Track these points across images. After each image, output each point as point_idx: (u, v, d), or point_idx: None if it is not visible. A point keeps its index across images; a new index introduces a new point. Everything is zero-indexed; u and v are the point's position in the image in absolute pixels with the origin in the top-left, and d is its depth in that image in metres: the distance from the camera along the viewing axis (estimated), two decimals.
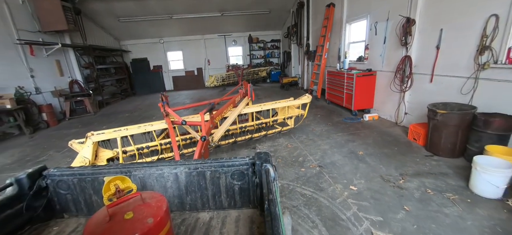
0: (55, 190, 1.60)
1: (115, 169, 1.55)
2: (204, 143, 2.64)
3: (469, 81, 3.52)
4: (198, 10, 11.30)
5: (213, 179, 1.55)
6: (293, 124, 4.67)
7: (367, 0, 5.77)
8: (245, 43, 14.73)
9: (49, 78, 8.19)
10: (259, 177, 1.45)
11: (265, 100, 8.71)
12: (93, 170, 1.55)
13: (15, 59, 7.01)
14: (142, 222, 0.98)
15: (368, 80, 5.69)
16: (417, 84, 4.54)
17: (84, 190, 1.59)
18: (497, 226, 2.16)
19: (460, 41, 3.63)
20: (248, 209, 1.59)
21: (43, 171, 1.60)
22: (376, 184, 2.96)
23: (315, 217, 2.44)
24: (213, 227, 1.44)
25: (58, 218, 1.66)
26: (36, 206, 1.54)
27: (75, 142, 3.15)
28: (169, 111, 3.40)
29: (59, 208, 1.64)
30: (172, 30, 13.07)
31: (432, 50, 4.11)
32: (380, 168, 3.32)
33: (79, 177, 1.56)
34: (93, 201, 1.60)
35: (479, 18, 3.30)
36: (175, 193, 1.58)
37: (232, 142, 4.09)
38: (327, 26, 7.63)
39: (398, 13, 4.67)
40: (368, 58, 6.03)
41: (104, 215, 1.03)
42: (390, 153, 3.77)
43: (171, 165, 1.55)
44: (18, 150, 5.36)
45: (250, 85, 4.50)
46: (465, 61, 3.55)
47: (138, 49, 13.93)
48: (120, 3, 9.76)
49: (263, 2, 11.12)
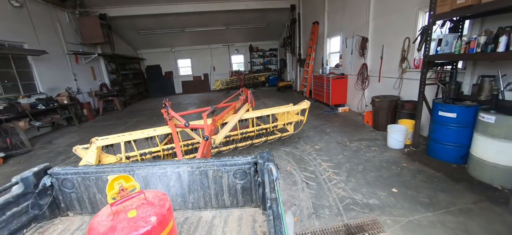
0: (60, 188, 1.61)
1: (119, 168, 1.56)
2: (206, 143, 2.69)
3: (398, 80, 5.28)
4: (207, 24, 13.20)
5: (216, 178, 1.56)
6: (293, 130, 4.66)
7: (340, 22, 7.61)
8: (246, 51, 16.61)
9: (86, 82, 10.00)
10: (261, 176, 1.44)
11: (263, 100, 10.49)
12: (97, 169, 1.58)
13: (65, 66, 8.83)
14: (145, 220, 0.98)
15: (341, 82, 7.46)
16: (371, 84, 6.30)
17: (88, 189, 1.60)
18: (391, 159, 3.88)
19: (392, 54, 5.40)
20: (250, 207, 1.61)
21: (48, 169, 1.61)
22: (331, 144, 4.68)
23: (291, 159, 4.15)
24: (215, 225, 1.45)
25: (63, 216, 1.66)
26: (41, 205, 1.55)
27: (79, 148, 3.15)
28: (174, 114, 3.44)
29: (64, 207, 1.65)
30: (183, 40, 14.96)
31: (378, 60, 5.88)
32: (337, 137, 5.05)
33: (84, 175, 1.58)
34: (97, 199, 1.62)
35: (401, 40, 5.07)
36: (178, 192, 1.59)
37: (233, 148, 4.11)
38: (313, 39, 9.46)
39: (358, 33, 6.48)
40: (342, 65, 7.83)
41: (108, 213, 1.03)
42: (347, 130, 5.50)
43: (174, 164, 1.56)
44: (74, 135, 7.08)
45: (250, 92, 4.63)
46: (395, 67, 5.31)
47: (152, 57, 15.80)
48: (142, 19, 11.64)
49: (262, 17, 13.02)
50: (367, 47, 6.21)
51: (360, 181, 3.29)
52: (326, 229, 2.43)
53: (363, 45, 6.26)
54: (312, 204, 2.85)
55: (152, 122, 7.79)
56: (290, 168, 3.77)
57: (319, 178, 3.44)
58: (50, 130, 7.68)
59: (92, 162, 2.92)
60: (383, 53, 5.70)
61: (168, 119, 3.43)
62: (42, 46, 7.70)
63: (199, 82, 16.73)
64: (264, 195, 1.35)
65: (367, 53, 6.26)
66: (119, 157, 3.28)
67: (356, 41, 6.66)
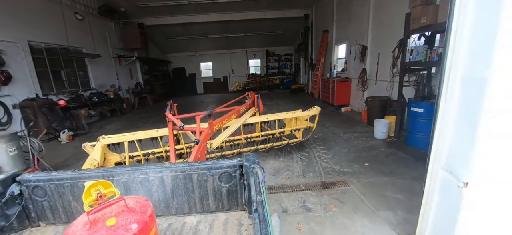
0: (30, 197, 1.50)
1: (97, 173, 1.49)
2: (199, 148, 2.63)
3: (389, 83, 6.11)
4: (227, 31, 14.61)
5: (200, 182, 1.53)
6: (301, 137, 4.39)
7: (345, 32, 8.52)
8: (263, 56, 17.82)
9: (125, 81, 11.76)
10: (247, 178, 1.43)
11: (277, 101, 11.56)
12: (73, 175, 1.48)
13: (111, 67, 10.62)
14: (125, 228, 0.93)
15: (345, 85, 8.34)
16: (370, 86, 7.14)
17: (62, 196, 1.50)
18: (373, 146, 4.78)
19: (386, 61, 6.25)
20: (236, 211, 1.59)
21: (17, 176, 1.50)
22: (327, 135, 5.64)
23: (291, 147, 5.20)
24: (200, 231, 1.42)
25: (34, 227, 1.56)
26: (8, 215, 1.44)
27: (88, 145, 3.20)
28: (171, 117, 3.38)
29: (34, 216, 1.54)
30: (205, 45, 16.53)
31: (375, 66, 6.73)
32: (334, 130, 6.00)
33: (57, 182, 1.48)
34: (73, 207, 1.52)
35: (392, 49, 5.93)
36: (160, 197, 1.54)
37: (237, 153, 4.01)
38: (323, 46, 10.40)
39: (359, 42, 7.37)
40: (347, 69, 8.70)
41: (84, 222, 0.96)
42: (345, 125, 6.41)
43: (156, 169, 1.51)
44: (118, 123, 8.66)
45: (258, 96, 4.46)
46: (388, 71, 6.16)
47: (178, 60, 17.56)
48: (172, 27, 13.30)
49: (278, 25, 14.16)
50: (367, 54, 7.08)
51: (342, 158, 4.27)
52: (309, 183, 3.47)
53: (363, 52, 7.14)
54: (302, 170, 3.89)
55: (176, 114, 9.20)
56: (290, 149, 4.82)
57: (311, 156, 4.46)
58: (98, 119, 9.37)
59: (98, 159, 3.02)
60: (379, 59, 6.55)
61: (168, 121, 3.42)
62: (97, 50, 9.48)
63: (219, 83, 18.20)
64: (250, 198, 1.31)
65: (366, 59, 7.13)
66: (123, 156, 3.35)
67: (358, 49, 7.54)
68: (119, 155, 3.39)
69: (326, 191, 3.24)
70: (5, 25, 6.08)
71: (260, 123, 4.17)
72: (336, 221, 2.62)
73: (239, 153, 4.00)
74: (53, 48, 7.73)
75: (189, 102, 13.26)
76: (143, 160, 3.47)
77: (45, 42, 7.36)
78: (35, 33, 6.98)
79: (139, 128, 7.01)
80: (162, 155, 3.63)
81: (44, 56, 7.38)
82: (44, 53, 7.37)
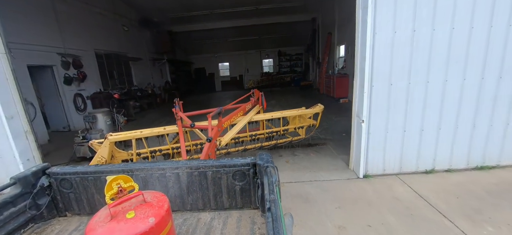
0: (58, 188, 1.61)
1: (118, 168, 1.57)
2: (210, 145, 2.65)
3: None
4: (243, 35, 16.41)
5: (215, 179, 1.57)
6: (305, 134, 4.48)
7: (344, 34, 9.92)
8: (275, 56, 19.42)
9: (157, 79, 13.94)
10: (261, 177, 1.44)
11: (286, 96, 13.12)
12: (96, 169, 1.57)
13: (147, 68, 12.81)
14: (143, 221, 0.98)
15: (344, 80, 9.74)
16: None
17: (86, 189, 1.60)
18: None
19: None
20: (249, 209, 1.61)
21: (46, 169, 1.60)
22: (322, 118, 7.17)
23: None
24: (214, 227, 1.44)
25: (61, 216, 1.66)
26: (39, 205, 1.55)
27: (95, 142, 3.22)
28: (181, 115, 3.43)
29: (62, 207, 1.65)
30: (224, 47, 18.45)
31: None
32: (329, 115, 7.51)
33: (82, 176, 1.57)
34: (96, 200, 1.62)
35: None
36: (176, 193, 1.59)
37: (242, 150, 4.06)
38: (327, 46, 11.82)
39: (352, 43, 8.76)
40: (346, 67, 10.09)
41: (106, 214, 1.02)
42: (339, 112, 7.89)
43: (172, 165, 1.57)
44: (155, 114, 10.71)
45: (262, 94, 4.48)
46: None
47: (199, 61, 19.67)
48: (195, 32, 15.32)
49: (289, 28, 15.69)
50: None
51: (328, 131, 5.82)
52: (299, 144, 5.09)
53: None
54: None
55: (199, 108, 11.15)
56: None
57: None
58: (139, 110, 11.54)
59: (105, 156, 3.05)
60: None
61: (177, 119, 3.48)
62: (137, 55, 11.66)
63: (235, 81, 20.07)
64: (263, 197, 1.33)
65: None
66: (130, 153, 3.38)
67: (352, 49, 8.92)
68: (127, 153, 3.42)
69: (310, 148, 4.84)
70: (82, 38, 8.27)
71: (265, 120, 4.23)
72: (311, 159, 4.23)
73: (244, 151, 4.07)
74: (109, 54, 9.93)
75: (209, 98, 15.23)
76: (150, 157, 3.50)
77: (104, 49, 9.56)
78: (98, 43, 9.17)
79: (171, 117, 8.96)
80: (168, 152, 3.63)
81: (103, 60, 9.58)
82: (103, 58, 9.57)
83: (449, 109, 3.17)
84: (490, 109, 3.17)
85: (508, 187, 2.94)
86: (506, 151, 3.33)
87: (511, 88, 3.10)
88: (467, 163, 3.38)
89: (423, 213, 2.56)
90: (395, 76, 3.09)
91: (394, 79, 3.10)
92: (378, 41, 3.02)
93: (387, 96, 3.14)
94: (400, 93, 3.13)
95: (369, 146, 3.32)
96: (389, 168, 3.40)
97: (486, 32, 2.94)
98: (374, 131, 3.25)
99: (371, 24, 2.98)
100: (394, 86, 3.11)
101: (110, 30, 9.92)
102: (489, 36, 2.95)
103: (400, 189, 3.05)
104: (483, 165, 3.37)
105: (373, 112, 3.18)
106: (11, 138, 3.47)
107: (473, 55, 3.02)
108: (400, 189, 3.07)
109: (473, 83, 3.09)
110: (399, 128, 3.24)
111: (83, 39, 8.37)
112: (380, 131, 3.25)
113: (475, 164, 3.37)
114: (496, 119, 3.21)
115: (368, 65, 3.07)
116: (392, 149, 3.32)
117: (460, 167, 3.39)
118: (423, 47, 3.01)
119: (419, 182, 3.17)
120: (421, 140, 3.28)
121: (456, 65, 3.04)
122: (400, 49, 3.02)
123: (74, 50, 7.86)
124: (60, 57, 7.31)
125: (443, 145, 3.30)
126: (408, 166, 3.39)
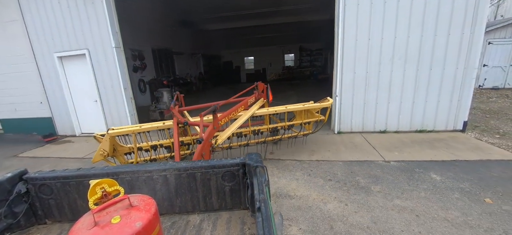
0: (37, 195, 1.54)
1: (102, 171, 1.51)
2: (202, 146, 2.53)
3: None
4: (267, 32, 18.25)
5: (204, 180, 1.55)
6: (312, 129, 4.31)
7: None
8: (297, 51, 20.97)
9: (193, 70, 16.49)
10: (250, 177, 1.43)
11: (304, 88, 14.79)
12: (78, 173, 1.51)
13: (186, 60, 15.41)
14: (130, 226, 0.94)
15: None
16: None
17: (68, 194, 1.53)
18: None
19: None
20: (239, 210, 1.60)
21: (24, 175, 1.53)
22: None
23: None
24: (204, 229, 1.43)
25: (40, 224, 1.59)
26: (16, 213, 1.47)
27: (98, 135, 3.29)
28: (175, 112, 3.36)
29: (41, 214, 1.57)
30: (249, 43, 20.49)
31: None
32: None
33: (63, 181, 1.51)
34: (78, 205, 1.55)
35: None
36: (164, 196, 1.56)
37: (244, 145, 3.92)
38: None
39: None
40: None
41: (90, 220, 0.98)
42: None
43: (160, 168, 1.53)
44: (193, 98, 13.20)
45: (268, 86, 4.27)
46: None
47: (227, 55, 22.01)
48: (225, 30, 17.53)
49: (309, 25, 17.14)
50: None
51: None
52: None
53: None
54: None
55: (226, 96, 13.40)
56: None
57: None
58: None
59: (107, 149, 3.10)
60: None
61: (173, 115, 3.43)
62: (180, 49, 14.25)
63: (259, 74, 22.02)
64: (253, 197, 1.33)
65: None
66: (132, 147, 3.39)
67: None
68: (128, 146, 3.43)
69: None
70: (143, 37, 10.91)
71: (269, 115, 4.02)
72: None
73: (247, 145, 3.96)
74: (160, 49, 12.57)
75: (235, 88, 17.49)
76: (151, 151, 3.50)
77: (157, 45, 12.19)
78: (153, 40, 11.80)
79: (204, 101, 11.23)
80: (169, 146, 3.61)
81: (156, 54, 12.22)
82: (156, 52, 12.21)
83: (395, 90, 4.84)
84: (424, 90, 4.77)
85: (427, 139, 4.56)
86: (439, 120, 4.90)
87: (439, 77, 4.67)
88: (409, 127, 5.02)
89: (363, 148, 4.37)
90: (357, 67, 4.85)
91: (356, 69, 4.87)
92: (346, 45, 4.80)
93: (352, 80, 4.92)
94: (361, 78, 4.89)
95: (342, 113, 5.12)
96: (355, 127, 5.18)
97: (418, 39, 4.55)
98: (344, 103, 5.05)
99: (341, 35, 4.77)
100: (357, 74, 4.88)
101: (160, 29, 12.53)
102: (421, 42, 4.56)
103: (357, 139, 4.84)
104: (422, 129, 4.98)
105: (344, 90, 4.99)
106: (125, 101, 5.92)
107: (410, 54, 4.65)
108: (357, 138, 4.85)
109: (411, 74, 4.73)
110: (360, 101, 5.00)
111: (144, 38, 11.01)
112: (348, 103, 5.04)
113: (415, 128, 5.00)
114: (430, 98, 4.80)
115: (340, 60, 4.87)
116: (356, 115, 5.09)
117: (405, 130, 5.04)
118: (375, 49, 4.72)
119: (373, 136, 4.91)
120: (376, 110, 5.00)
121: (399, 61, 4.70)
122: (360, 51, 4.78)
123: (138, 46, 10.49)
124: (130, 52, 9.97)
125: (392, 114, 4.98)
126: (368, 127, 5.13)
